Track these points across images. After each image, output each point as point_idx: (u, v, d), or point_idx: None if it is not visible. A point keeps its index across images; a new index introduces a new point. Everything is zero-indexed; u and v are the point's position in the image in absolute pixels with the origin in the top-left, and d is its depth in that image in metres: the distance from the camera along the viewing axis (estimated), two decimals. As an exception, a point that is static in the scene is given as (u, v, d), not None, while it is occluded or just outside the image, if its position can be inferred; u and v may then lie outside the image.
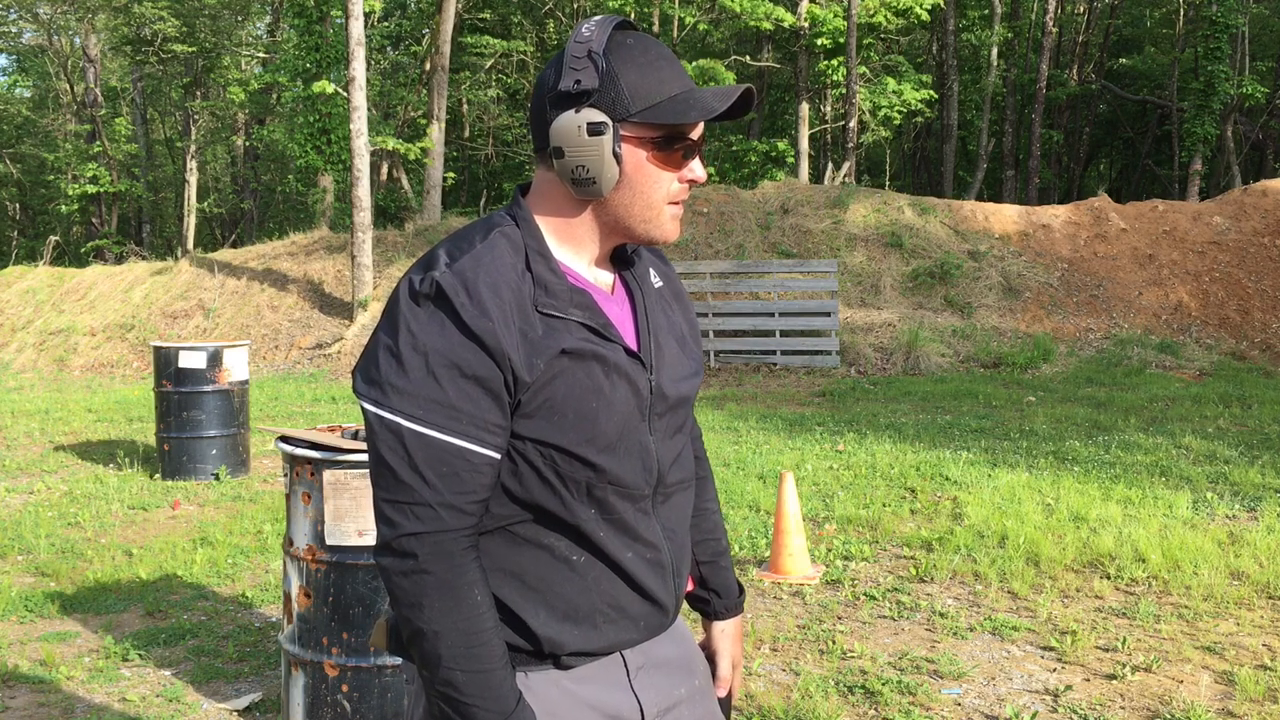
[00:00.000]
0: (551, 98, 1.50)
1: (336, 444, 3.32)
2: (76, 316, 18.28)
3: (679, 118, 1.47)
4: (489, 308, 1.43)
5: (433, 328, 1.43)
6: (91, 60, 29.93)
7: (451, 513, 1.43)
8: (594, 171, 1.48)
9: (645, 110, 1.48)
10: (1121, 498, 6.80)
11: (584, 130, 1.47)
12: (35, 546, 6.19)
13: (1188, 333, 14.89)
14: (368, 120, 16.28)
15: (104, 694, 4.12)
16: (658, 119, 1.48)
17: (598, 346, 1.51)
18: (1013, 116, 28.06)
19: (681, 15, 25.84)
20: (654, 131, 1.50)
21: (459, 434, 1.43)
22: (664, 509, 1.63)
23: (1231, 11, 22.07)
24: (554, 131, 1.49)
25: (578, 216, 1.56)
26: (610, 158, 1.47)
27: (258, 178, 32.99)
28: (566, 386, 1.48)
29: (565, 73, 1.48)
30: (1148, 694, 3.95)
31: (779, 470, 7.68)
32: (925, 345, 14.14)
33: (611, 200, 1.53)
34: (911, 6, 22.38)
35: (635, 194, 1.52)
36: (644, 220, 1.54)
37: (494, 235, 1.52)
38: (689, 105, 1.48)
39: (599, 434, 1.50)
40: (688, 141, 1.52)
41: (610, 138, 1.47)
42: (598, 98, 1.47)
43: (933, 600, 5.03)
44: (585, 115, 1.47)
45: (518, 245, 1.52)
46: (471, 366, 1.42)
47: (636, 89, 1.48)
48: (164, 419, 8.04)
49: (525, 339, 1.45)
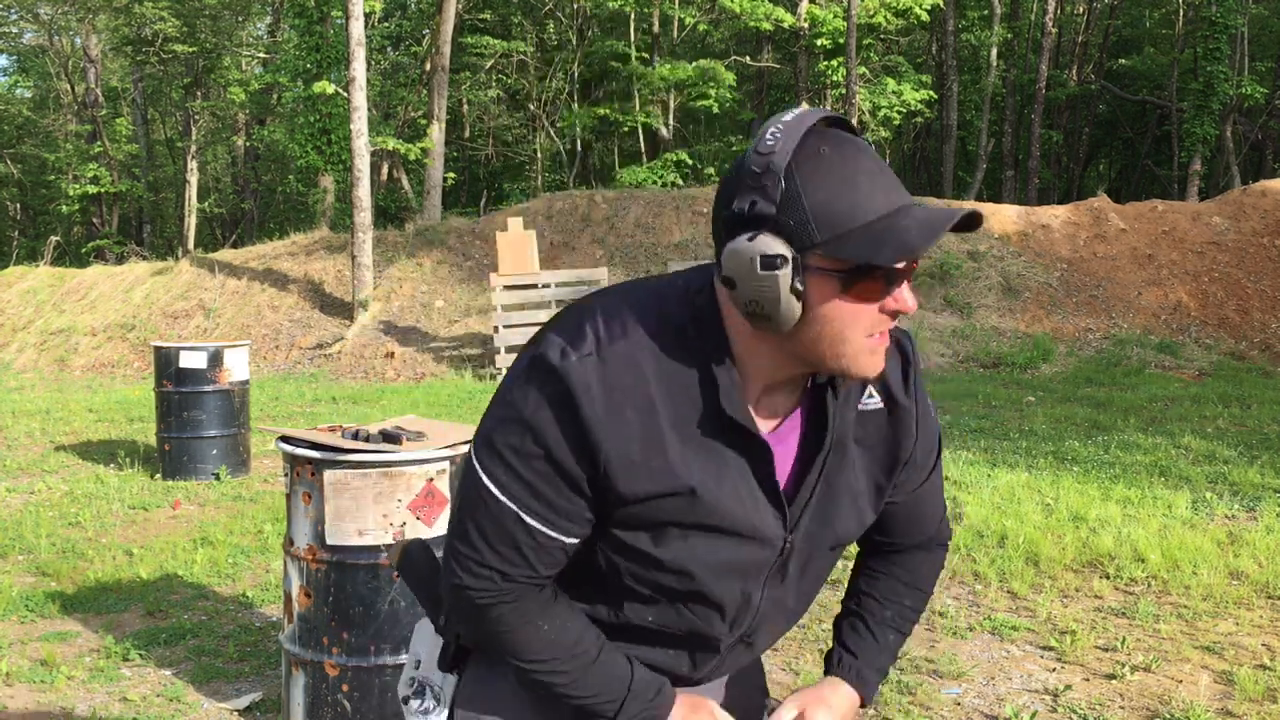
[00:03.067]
0: (726, 218, 1.25)
1: (337, 444, 3.33)
2: (77, 316, 18.29)
3: (869, 255, 1.20)
4: (616, 410, 1.27)
5: (544, 407, 1.28)
6: (92, 60, 29.94)
7: (509, 581, 1.35)
8: (769, 309, 1.23)
9: (832, 241, 1.21)
10: (1121, 497, 6.80)
11: (757, 264, 1.21)
12: (36, 546, 6.20)
13: (1187, 333, 14.89)
14: (368, 120, 16.28)
15: (104, 694, 4.12)
16: (846, 254, 1.21)
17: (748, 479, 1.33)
18: (1012, 117, 28.06)
19: (681, 15, 25.85)
20: (846, 264, 1.22)
21: (534, 514, 1.31)
22: (737, 655, 1.47)
23: (1231, 12, 22.07)
24: (725, 258, 1.24)
25: (754, 342, 1.30)
26: (789, 295, 1.22)
27: (258, 178, 32.99)
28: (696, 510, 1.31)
29: (740, 191, 1.23)
30: (1147, 694, 3.95)
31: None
32: (925, 345, 14.14)
33: (796, 334, 1.27)
34: (911, 7, 22.38)
35: (823, 330, 1.26)
36: (835, 357, 1.28)
37: (675, 323, 1.31)
38: (884, 239, 1.20)
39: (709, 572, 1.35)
40: (890, 271, 1.24)
41: (789, 272, 1.21)
42: (776, 224, 1.21)
43: (932, 600, 5.03)
44: (760, 245, 1.21)
45: (695, 347, 1.30)
46: (563, 458, 1.28)
47: (824, 214, 1.20)
48: (164, 419, 8.04)
49: (648, 451, 1.28)
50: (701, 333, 1.30)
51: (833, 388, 1.37)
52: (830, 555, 1.46)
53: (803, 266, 1.22)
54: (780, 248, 1.21)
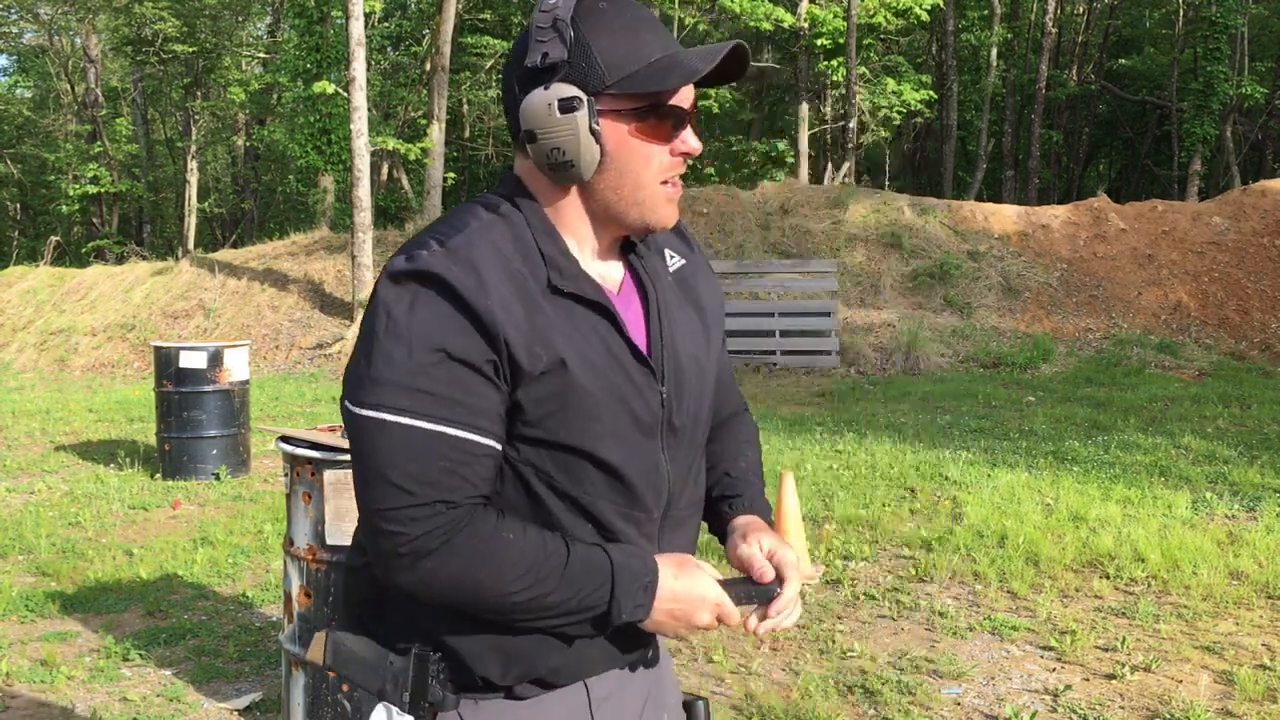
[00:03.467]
0: (519, 76, 1.36)
1: (337, 444, 3.33)
2: (77, 316, 18.28)
3: (660, 84, 1.32)
4: (489, 285, 1.28)
5: (419, 309, 1.27)
6: (92, 60, 29.94)
7: (454, 508, 1.29)
8: (571, 153, 1.32)
9: (622, 80, 1.32)
10: (1121, 497, 6.80)
11: (555, 108, 1.31)
12: (36, 546, 6.20)
13: (1187, 333, 14.89)
14: (368, 120, 16.28)
15: (104, 694, 4.12)
16: (637, 88, 1.32)
17: (608, 344, 1.36)
18: (1012, 117, 28.08)
19: (681, 15, 25.85)
20: (635, 102, 1.34)
21: (452, 423, 1.27)
22: (671, 536, 1.47)
23: (1231, 12, 22.08)
24: (524, 113, 1.34)
25: (564, 207, 1.39)
26: (588, 136, 1.32)
27: (258, 178, 33.00)
28: (570, 383, 1.32)
29: (531, 47, 1.33)
30: (1147, 694, 3.96)
31: (779, 470, 7.68)
32: (925, 345, 14.14)
33: (596, 185, 1.37)
34: (911, 7, 22.39)
35: (622, 175, 1.36)
36: (636, 203, 1.37)
37: (489, 217, 1.37)
38: (670, 69, 1.33)
39: (604, 442, 1.35)
40: (676, 110, 1.36)
41: (585, 114, 1.31)
42: (568, 71, 1.32)
43: (932, 600, 5.03)
44: (555, 91, 1.31)
45: (519, 226, 1.37)
46: (463, 350, 1.27)
47: (611, 57, 1.32)
48: (164, 419, 8.04)
49: (531, 325, 1.30)
50: (520, 208, 1.38)
51: (635, 252, 1.47)
52: (702, 409, 1.50)
53: (595, 110, 1.32)
54: (574, 91, 1.31)
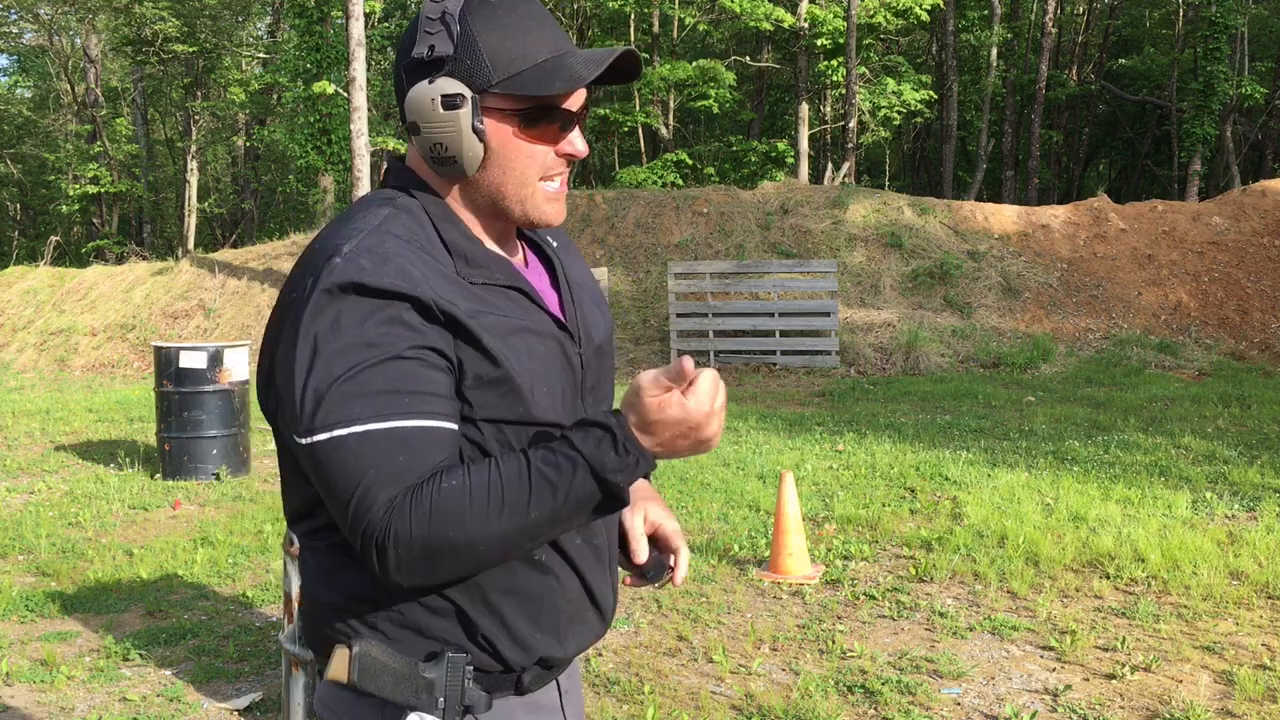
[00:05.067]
0: (406, 66, 1.34)
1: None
2: (77, 316, 18.28)
3: (544, 89, 1.30)
4: (411, 275, 1.25)
5: (344, 319, 1.23)
6: (92, 60, 29.94)
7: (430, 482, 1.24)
8: (453, 150, 1.31)
9: (507, 80, 1.31)
10: (1121, 497, 6.80)
11: (438, 104, 1.30)
12: (36, 546, 6.20)
13: (1187, 333, 14.89)
14: (368, 120, 16.28)
15: (104, 694, 4.12)
16: (520, 89, 1.30)
17: (529, 319, 1.35)
18: (1012, 117, 28.06)
19: (681, 15, 25.85)
20: (521, 103, 1.32)
21: (405, 415, 1.23)
22: None
23: (1231, 12, 22.07)
24: (408, 105, 1.32)
25: (449, 196, 1.38)
26: (470, 133, 1.30)
27: (258, 178, 32.99)
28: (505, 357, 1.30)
29: (419, 38, 1.31)
30: (1147, 694, 3.96)
31: (779, 470, 7.69)
32: (925, 345, 14.14)
33: (480, 180, 1.35)
34: (911, 7, 22.39)
35: (506, 172, 1.34)
36: (519, 200, 1.36)
37: (387, 211, 1.33)
38: (556, 74, 1.31)
39: (543, 406, 1.34)
40: (563, 112, 1.35)
41: (469, 111, 1.30)
42: (453, 66, 1.30)
43: (932, 600, 5.03)
44: (439, 86, 1.30)
45: (419, 216, 1.34)
46: (395, 343, 1.23)
47: (498, 55, 1.30)
48: (165, 419, 8.04)
49: (455, 306, 1.28)
50: (416, 198, 1.36)
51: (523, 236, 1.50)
52: (606, 371, 1.52)
53: (479, 108, 1.31)
54: (459, 87, 1.30)
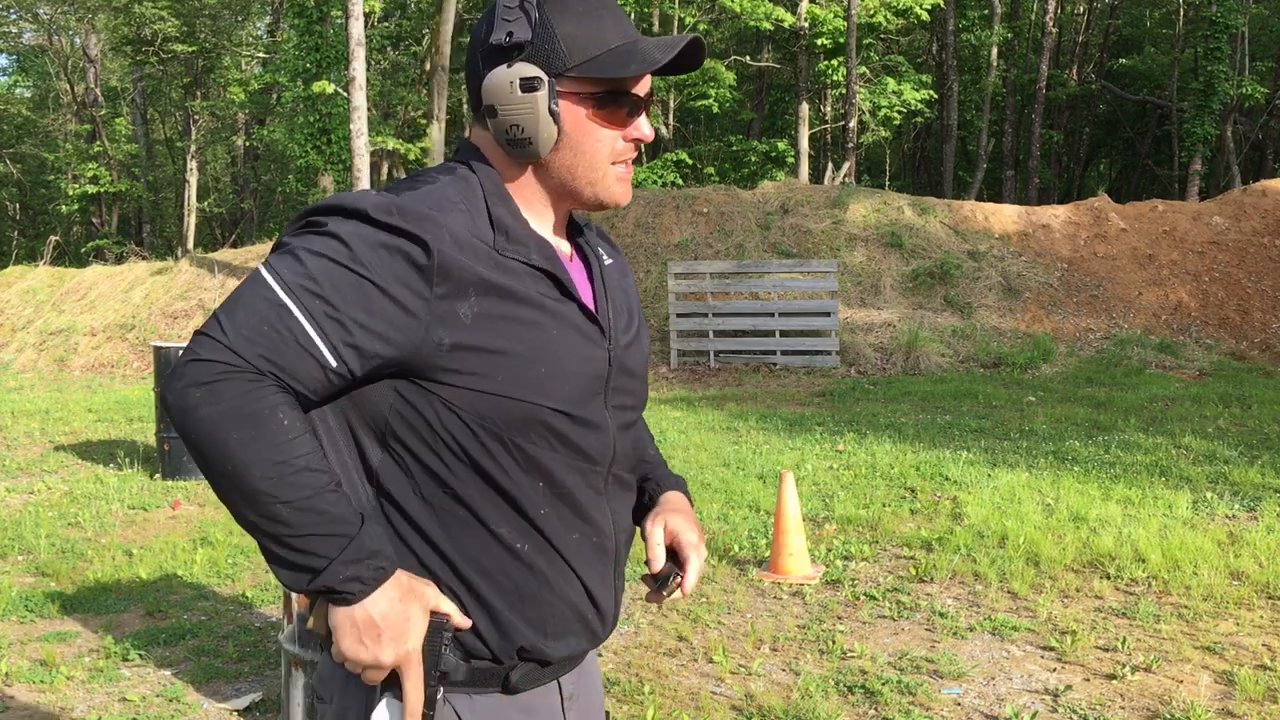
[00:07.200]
0: (484, 52, 1.40)
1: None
2: (77, 316, 18.28)
3: (619, 71, 1.37)
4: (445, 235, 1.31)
5: (356, 229, 1.29)
6: (91, 60, 29.95)
7: (254, 364, 1.25)
8: (529, 131, 1.37)
9: (583, 64, 1.37)
10: (1121, 498, 6.80)
11: (516, 87, 1.36)
12: (35, 546, 6.20)
13: (1187, 333, 14.89)
14: (368, 120, 16.28)
15: (104, 694, 4.12)
16: (597, 73, 1.37)
17: (557, 302, 1.39)
18: (1012, 116, 28.06)
19: (681, 15, 25.84)
20: (594, 87, 1.39)
21: (313, 322, 1.27)
22: (619, 494, 1.49)
23: (1231, 12, 22.06)
24: (485, 89, 1.38)
25: (520, 180, 1.44)
26: (546, 116, 1.37)
27: (258, 178, 32.99)
28: (516, 331, 1.34)
29: (497, 25, 1.37)
30: (1147, 694, 3.95)
31: (779, 470, 7.68)
32: (925, 345, 14.14)
33: (552, 162, 1.42)
34: (911, 6, 22.39)
35: (577, 154, 1.41)
36: (589, 182, 1.43)
37: (445, 178, 1.41)
38: (630, 57, 1.38)
39: (549, 390, 1.36)
40: (632, 97, 1.42)
41: (545, 94, 1.36)
42: (531, 51, 1.37)
43: (932, 600, 5.03)
44: (518, 70, 1.36)
45: (474, 189, 1.41)
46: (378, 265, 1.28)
47: (574, 41, 1.37)
48: (164, 419, 8.04)
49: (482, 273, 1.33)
50: (476, 172, 1.42)
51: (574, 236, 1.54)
52: (637, 376, 1.53)
53: (555, 91, 1.37)
54: (536, 71, 1.36)
